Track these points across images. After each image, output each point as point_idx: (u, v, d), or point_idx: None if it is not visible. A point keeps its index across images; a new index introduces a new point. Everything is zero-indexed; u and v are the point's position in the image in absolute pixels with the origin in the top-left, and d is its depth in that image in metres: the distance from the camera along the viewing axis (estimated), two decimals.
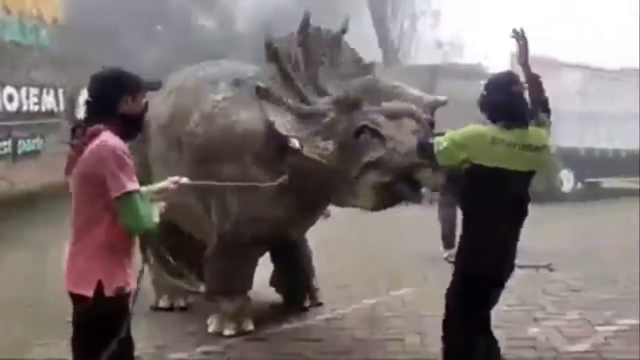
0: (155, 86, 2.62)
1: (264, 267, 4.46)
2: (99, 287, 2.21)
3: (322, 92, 3.74)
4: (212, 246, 4.08)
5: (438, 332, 3.86)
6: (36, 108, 11.32)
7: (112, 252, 2.26)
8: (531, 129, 2.77)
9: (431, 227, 6.82)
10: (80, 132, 2.27)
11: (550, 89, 8.22)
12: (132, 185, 2.22)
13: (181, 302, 4.62)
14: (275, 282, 4.60)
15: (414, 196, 3.38)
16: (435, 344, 3.67)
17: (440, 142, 2.76)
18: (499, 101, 2.78)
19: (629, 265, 5.54)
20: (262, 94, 3.59)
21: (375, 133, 3.33)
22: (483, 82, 3.00)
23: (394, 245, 6.56)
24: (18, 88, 10.92)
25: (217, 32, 20.10)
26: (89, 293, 2.21)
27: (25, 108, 11.10)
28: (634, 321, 4.01)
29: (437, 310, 4.28)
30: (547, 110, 2.94)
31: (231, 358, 3.66)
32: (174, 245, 4.65)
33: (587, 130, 11.71)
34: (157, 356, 3.69)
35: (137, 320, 4.12)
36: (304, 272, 4.54)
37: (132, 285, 2.32)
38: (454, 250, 5.04)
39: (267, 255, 4.41)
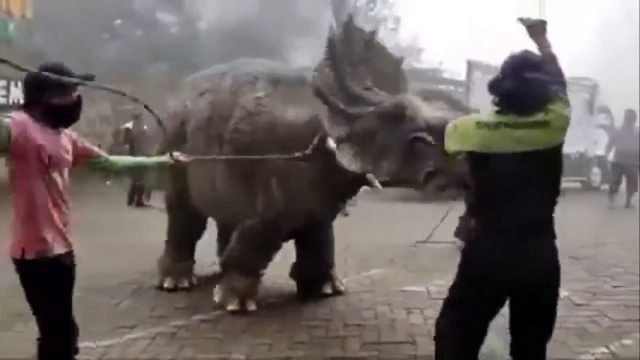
0: (88, 80, 2.72)
1: None
2: (22, 252, 2.53)
3: (368, 90, 3.81)
4: (247, 225, 4.24)
5: (403, 302, 4.54)
6: (4, 100, 11.35)
7: (28, 219, 2.53)
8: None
9: (399, 219, 7.61)
10: None
11: None
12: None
13: (185, 283, 4.91)
14: (294, 272, 4.74)
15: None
16: (400, 312, 4.32)
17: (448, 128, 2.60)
18: (507, 88, 2.43)
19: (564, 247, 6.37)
20: (319, 94, 3.64)
21: (428, 142, 3.41)
22: (441, 87, 3.18)
23: (366, 235, 7.17)
24: None
25: (181, 29, 20.26)
26: (17, 257, 2.55)
27: None
28: (565, 293, 4.73)
29: (400, 286, 4.94)
30: (562, 84, 2.54)
31: (223, 326, 4.11)
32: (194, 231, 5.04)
33: None
34: (159, 323, 4.14)
35: (142, 296, 4.69)
36: (326, 262, 4.68)
37: (57, 250, 2.57)
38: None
39: None
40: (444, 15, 27.09)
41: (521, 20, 2.72)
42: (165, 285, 4.88)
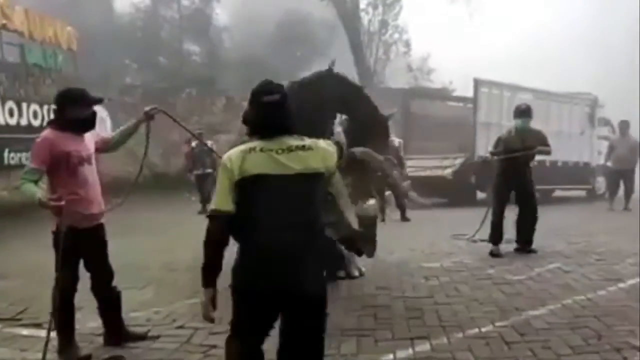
0: (98, 101, 3.58)
1: None
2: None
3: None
4: None
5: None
6: None
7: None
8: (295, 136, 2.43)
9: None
10: None
11: (509, 107, 10.38)
12: (30, 164, 3.36)
13: None
14: None
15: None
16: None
17: None
18: (251, 115, 2.46)
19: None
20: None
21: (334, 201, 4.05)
22: (450, 103, 3.89)
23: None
24: (41, 105, 12.19)
25: (206, 58, 21.57)
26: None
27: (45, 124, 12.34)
28: (557, 264, 5.77)
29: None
30: None
31: None
32: None
33: None
34: None
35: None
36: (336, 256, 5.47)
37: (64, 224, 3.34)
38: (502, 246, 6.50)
39: None
40: (452, 37, 28.34)
41: None
42: None
